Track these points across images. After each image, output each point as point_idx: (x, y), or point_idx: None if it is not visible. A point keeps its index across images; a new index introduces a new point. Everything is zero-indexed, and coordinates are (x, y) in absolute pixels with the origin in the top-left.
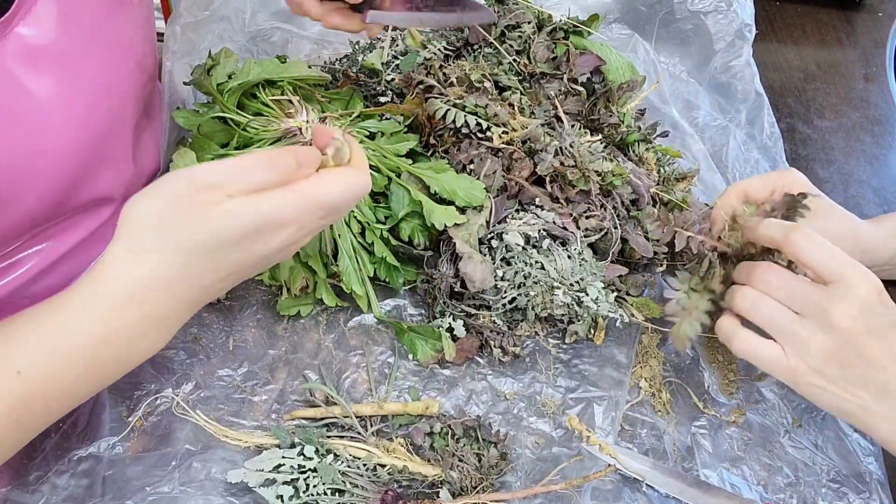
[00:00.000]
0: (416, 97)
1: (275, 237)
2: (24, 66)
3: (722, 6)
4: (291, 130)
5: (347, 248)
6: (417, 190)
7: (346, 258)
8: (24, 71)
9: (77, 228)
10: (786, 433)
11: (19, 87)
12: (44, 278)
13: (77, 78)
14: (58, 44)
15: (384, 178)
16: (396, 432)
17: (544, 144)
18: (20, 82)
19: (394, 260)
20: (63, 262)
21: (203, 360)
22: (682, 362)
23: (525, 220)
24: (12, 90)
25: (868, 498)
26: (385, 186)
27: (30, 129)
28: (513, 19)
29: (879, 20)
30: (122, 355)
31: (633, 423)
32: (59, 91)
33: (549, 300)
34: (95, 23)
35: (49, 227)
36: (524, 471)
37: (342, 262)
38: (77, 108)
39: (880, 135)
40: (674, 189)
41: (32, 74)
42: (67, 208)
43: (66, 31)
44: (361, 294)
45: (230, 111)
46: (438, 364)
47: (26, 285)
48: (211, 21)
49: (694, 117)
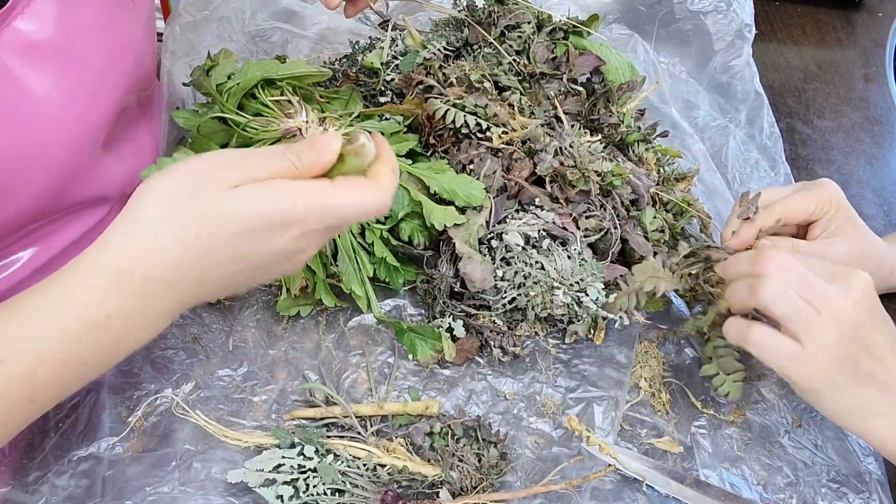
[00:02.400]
0: (416, 97)
1: (279, 236)
2: (21, 60)
3: (721, 6)
4: (291, 130)
5: (347, 249)
6: (417, 190)
7: (345, 258)
8: (22, 66)
9: (71, 228)
10: (785, 433)
11: (16, 82)
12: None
13: (75, 75)
14: (56, 40)
15: None
16: (396, 432)
17: (544, 145)
18: (17, 77)
19: (394, 260)
20: (57, 261)
21: (203, 360)
22: (682, 362)
23: (525, 221)
24: (9, 85)
25: (868, 498)
26: None
27: (26, 124)
28: (512, 19)
29: (879, 20)
30: (114, 340)
31: (633, 423)
32: (56, 87)
33: (548, 300)
34: (95, 20)
35: (43, 226)
36: (524, 471)
37: (342, 262)
38: (75, 104)
39: (880, 135)
40: (673, 189)
41: (30, 70)
42: (62, 207)
43: (65, 28)
44: (361, 294)
45: (230, 111)
46: (438, 364)
47: (21, 284)
48: (210, 21)
49: (694, 117)
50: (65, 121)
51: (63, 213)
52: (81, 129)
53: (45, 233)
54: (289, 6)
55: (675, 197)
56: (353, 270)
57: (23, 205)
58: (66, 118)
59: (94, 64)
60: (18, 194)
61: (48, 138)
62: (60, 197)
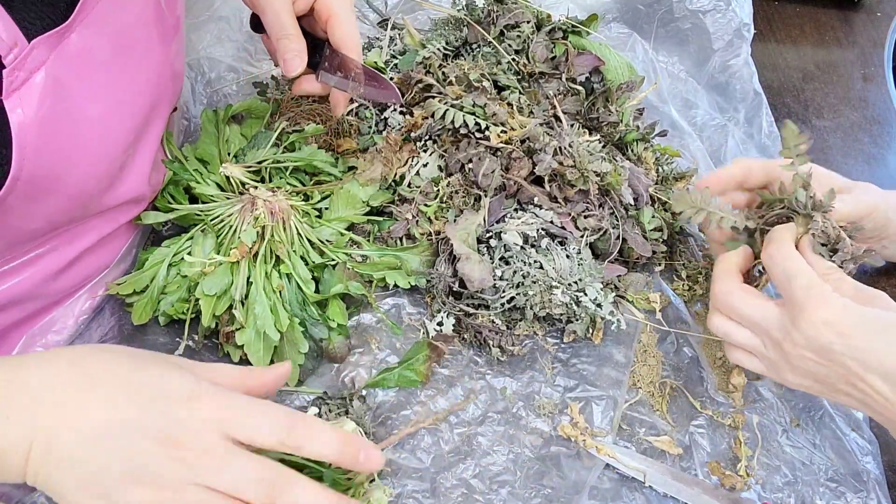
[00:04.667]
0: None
1: (188, 406)
2: (73, 73)
3: (720, 5)
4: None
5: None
6: (347, 278)
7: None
8: (73, 79)
9: (91, 233)
10: (784, 432)
11: (67, 95)
12: (60, 277)
13: (120, 91)
14: (108, 57)
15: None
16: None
17: (543, 144)
18: (68, 90)
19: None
20: (77, 262)
21: (203, 359)
22: (680, 362)
23: (524, 220)
24: (60, 98)
25: (866, 497)
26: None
27: (71, 135)
28: (511, 19)
29: (878, 20)
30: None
31: (632, 423)
32: (102, 102)
33: (547, 300)
34: (146, 42)
35: (67, 230)
36: (523, 470)
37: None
38: (114, 118)
39: (878, 135)
40: (672, 188)
41: (80, 83)
42: (87, 212)
43: (117, 45)
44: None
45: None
46: (437, 364)
47: (44, 282)
48: (209, 21)
49: (692, 116)
50: (109, 137)
51: (84, 219)
52: (116, 140)
53: (69, 236)
54: None
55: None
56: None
57: (53, 211)
58: (106, 131)
59: (137, 83)
60: (52, 202)
61: (92, 151)
62: (88, 204)
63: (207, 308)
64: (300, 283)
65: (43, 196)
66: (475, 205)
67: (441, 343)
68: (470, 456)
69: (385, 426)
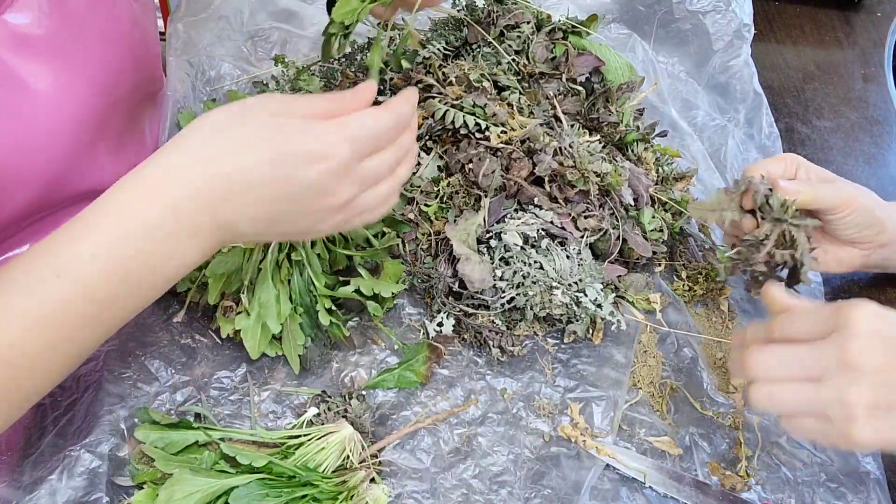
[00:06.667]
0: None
1: (308, 168)
2: (15, 54)
3: (720, 6)
4: None
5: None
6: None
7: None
8: (15, 58)
9: (65, 222)
10: (784, 433)
11: (11, 75)
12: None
13: (71, 68)
14: (49, 32)
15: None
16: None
17: (543, 144)
18: (12, 71)
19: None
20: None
21: (202, 360)
22: (680, 362)
23: (524, 220)
24: (4, 79)
25: (866, 498)
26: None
27: (24, 118)
28: (511, 19)
29: (878, 20)
30: (147, 273)
31: (632, 423)
32: (53, 81)
33: (547, 300)
34: (89, 13)
35: (39, 220)
36: (523, 470)
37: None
38: (72, 98)
39: (879, 135)
40: (672, 189)
41: (25, 63)
42: (58, 200)
43: (57, 20)
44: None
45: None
46: (437, 364)
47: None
48: (210, 20)
49: (692, 117)
50: (62, 114)
51: (58, 208)
52: (78, 122)
53: (41, 227)
54: (288, 6)
55: (674, 196)
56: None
57: (21, 198)
58: (64, 111)
59: (90, 57)
60: (16, 188)
61: (46, 131)
62: (57, 190)
63: (214, 287)
64: (312, 276)
65: (4, 179)
66: (475, 205)
67: (441, 344)
68: (470, 456)
69: (385, 426)
